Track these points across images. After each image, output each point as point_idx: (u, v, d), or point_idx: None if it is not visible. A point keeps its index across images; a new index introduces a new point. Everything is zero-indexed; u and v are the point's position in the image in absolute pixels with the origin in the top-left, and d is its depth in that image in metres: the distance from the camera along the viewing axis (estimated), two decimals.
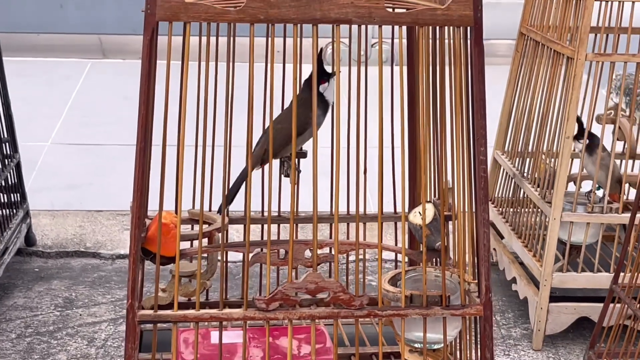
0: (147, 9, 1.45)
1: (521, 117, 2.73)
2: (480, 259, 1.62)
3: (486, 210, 1.59)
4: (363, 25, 1.68)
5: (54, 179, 3.65)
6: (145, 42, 1.47)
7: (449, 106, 1.67)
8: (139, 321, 1.56)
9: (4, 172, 2.80)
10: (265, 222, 2.15)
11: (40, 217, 3.24)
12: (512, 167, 2.74)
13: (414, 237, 1.99)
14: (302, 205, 2.15)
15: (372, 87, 1.86)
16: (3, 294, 2.71)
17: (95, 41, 6.22)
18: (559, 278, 2.43)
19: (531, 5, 2.76)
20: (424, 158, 1.68)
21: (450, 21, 1.52)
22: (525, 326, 2.61)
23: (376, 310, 1.60)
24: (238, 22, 1.49)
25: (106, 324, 2.56)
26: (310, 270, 1.61)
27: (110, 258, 3.00)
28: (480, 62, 1.54)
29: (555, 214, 2.40)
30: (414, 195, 2.03)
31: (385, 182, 1.61)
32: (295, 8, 1.48)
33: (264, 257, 1.76)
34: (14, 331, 2.49)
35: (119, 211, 3.33)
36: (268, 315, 1.58)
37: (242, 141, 2.02)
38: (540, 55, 2.63)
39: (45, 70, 5.33)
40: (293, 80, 1.57)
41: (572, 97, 2.36)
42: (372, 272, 2.90)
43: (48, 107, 4.57)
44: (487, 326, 1.61)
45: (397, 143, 1.98)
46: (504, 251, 2.77)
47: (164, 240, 1.65)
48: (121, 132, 4.23)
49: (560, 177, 2.39)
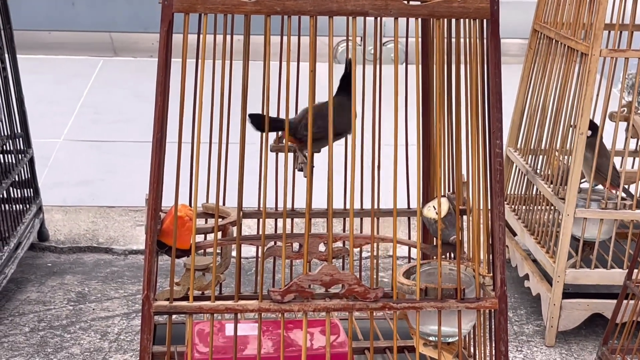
0: (165, 1, 1.45)
1: (534, 114, 2.72)
2: (496, 252, 1.61)
3: (502, 204, 1.59)
4: (378, 19, 1.68)
5: (67, 175, 3.66)
6: (162, 34, 1.48)
7: (464, 100, 1.67)
8: (154, 312, 1.57)
9: (18, 167, 2.81)
10: (279, 216, 2.15)
11: (53, 212, 3.25)
12: (524, 164, 2.74)
13: (427, 231, 1.99)
14: (314, 201, 2.15)
15: (386, 84, 1.86)
16: (16, 288, 2.72)
17: (107, 39, 6.24)
18: (572, 274, 2.42)
19: (545, 2, 2.76)
20: (439, 152, 1.68)
21: (466, 13, 1.52)
22: (538, 322, 2.60)
23: (391, 302, 1.60)
24: (254, 14, 1.49)
25: (119, 318, 2.56)
26: (325, 264, 1.61)
27: (123, 253, 3.00)
28: (496, 55, 1.54)
29: (569, 210, 2.40)
30: (427, 190, 2.03)
31: (399, 178, 1.61)
32: (311, 0, 1.49)
33: (278, 250, 1.76)
34: (28, 325, 2.50)
35: (131, 207, 3.34)
36: (283, 307, 1.58)
37: (255, 138, 2.03)
38: (553, 52, 2.63)
39: (57, 68, 5.35)
40: (310, 74, 1.57)
41: (586, 93, 2.36)
42: (384, 268, 2.90)
43: (60, 104, 4.59)
44: (502, 319, 1.61)
45: (411, 140, 1.98)
46: (516, 248, 2.76)
47: (178, 233, 1.65)
48: (133, 129, 4.25)
49: (574, 173, 2.39)
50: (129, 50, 6.03)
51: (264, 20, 1.51)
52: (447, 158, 1.86)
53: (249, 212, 2.13)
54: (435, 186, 1.91)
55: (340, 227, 2.26)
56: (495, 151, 1.58)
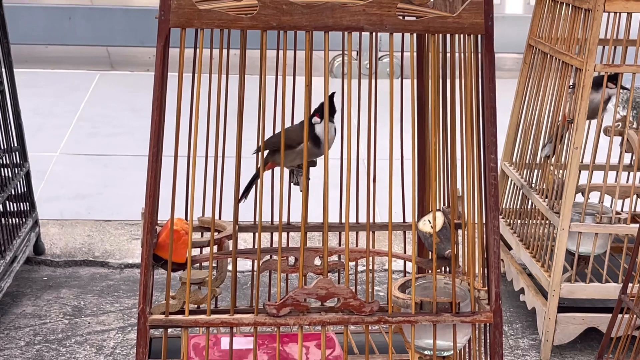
0: (161, 15, 1.46)
1: (529, 128, 2.74)
2: (490, 266, 1.62)
3: (496, 218, 1.60)
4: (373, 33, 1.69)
5: (63, 189, 3.66)
6: (158, 49, 1.49)
7: (459, 114, 1.68)
8: (150, 326, 1.57)
9: (14, 180, 2.81)
10: (275, 229, 2.16)
11: (49, 226, 3.25)
12: (520, 178, 2.75)
13: (423, 245, 1.99)
14: (310, 215, 2.16)
15: (381, 98, 1.88)
16: (12, 302, 2.72)
17: (104, 53, 6.26)
18: (567, 288, 2.43)
19: (539, 17, 2.78)
20: (434, 166, 1.69)
21: (461, 29, 1.53)
22: (534, 337, 2.61)
23: (386, 316, 1.61)
24: (251, 29, 1.50)
25: (115, 332, 2.56)
26: (321, 277, 1.61)
27: (119, 267, 3.01)
28: (491, 70, 1.55)
29: (564, 224, 2.40)
30: (423, 204, 2.04)
31: (394, 192, 1.62)
32: (307, 15, 1.49)
33: (274, 264, 1.77)
34: (23, 339, 2.50)
35: (127, 221, 3.35)
36: (279, 320, 1.58)
37: (251, 152, 2.04)
38: (548, 67, 2.64)
39: (54, 82, 5.36)
40: (306, 89, 1.58)
41: (581, 107, 2.37)
42: (379, 282, 2.90)
43: (57, 118, 4.60)
44: (497, 333, 1.62)
45: (406, 154, 1.99)
46: (512, 262, 2.77)
47: (174, 247, 1.65)
48: (129, 143, 4.25)
49: (569, 187, 2.40)
50: (126, 64, 6.04)
51: (260, 35, 1.52)
52: (442, 172, 1.87)
53: (244, 225, 2.14)
54: (430, 200, 1.92)
55: (336, 241, 2.26)
56: (490, 165, 1.59)
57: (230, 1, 1.69)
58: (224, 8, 1.52)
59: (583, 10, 2.43)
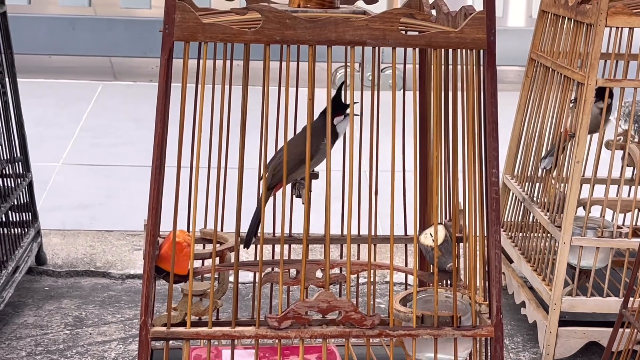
0: (165, 29, 1.47)
1: (531, 142, 2.74)
2: (492, 280, 1.62)
3: (498, 232, 1.60)
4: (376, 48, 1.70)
5: (65, 199, 3.67)
6: (162, 62, 1.50)
7: (460, 128, 1.68)
8: (151, 338, 1.57)
9: (17, 191, 2.82)
10: (276, 242, 2.16)
11: (51, 236, 3.25)
12: (521, 191, 2.76)
13: (424, 258, 2.00)
14: (312, 227, 2.17)
15: (383, 111, 1.88)
16: (14, 312, 2.72)
17: (107, 63, 6.28)
18: (568, 302, 2.43)
19: (541, 32, 2.79)
20: (436, 179, 1.69)
21: (463, 44, 1.54)
22: (534, 350, 2.61)
23: (387, 330, 1.61)
24: (254, 42, 1.51)
25: (116, 343, 2.56)
26: (322, 290, 1.62)
27: (120, 278, 3.01)
28: (493, 85, 1.56)
29: (565, 238, 2.41)
30: (424, 217, 2.05)
31: (395, 205, 1.63)
32: (310, 29, 1.50)
33: (275, 276, 1.77)
34: (24, 349, 2.50)
35: (129, 231, 3.35)
36: (280, 333, 1.59)
37: (254, 164, 2.05)
38: (550, 81, 2.65)
39: (57, 92, 5.38)
40: (308, 102, 1.59)
41: (583, 121, 2.37)
42: (381, 294, 2.91)
43: (59, 128, 4.61)
44: (498, 347, 1.62)
45: (408, 166, 2.00)
46: (513, 275, 2.77)
47: (176, 259, 1.66)
48: (132, 154, 4.26)
49: (570, 201, 2.40)
50: (129, 74, 6.06)
51: (264, 49, 1.53)
52: (444, 185, 1.87)
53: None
54: (432, 213, 1.92)
55: (338, 254, 2.27)
56: (492, 179, 1.59)
57: (233, 15, 1.70)
58: (227, 22, 1.53)
59: (585, 24, 2.44)
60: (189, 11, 1.48)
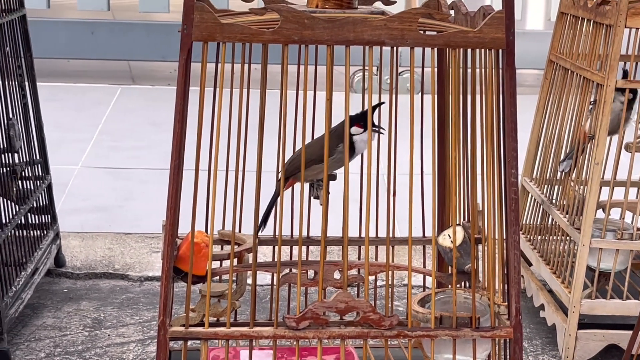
0: (184, 29, 1.48)
1: (550, 144, 2.73)
2: (511, 282, 1.62)
3: (517, 232, 1.59)
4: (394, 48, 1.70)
5: (84, 202, 3.68)
6: (181, 62, 1.50)
7: (479, 129, 1.68)
8: (170, 338, 1.58)
9: (36, 193, 2.83)
10: (294, 243, 2.16)
11: (69, 238, 3.27)
12: (540, 194, 2.74)
13: (442, 259, 1.99)
14: (329, 229, 2.16)
15: (401, 113, 1.88)
16: (33, 314, 2.73)
17: (125, 67, 6.30)
18: (587, 305, 2.41)
19: (560, 33, 2.78)
20: (454, 180, 1.69)
21: (482, 43, 1.54)
22: (554, 353, 2.59)
23: (406, 330, 1.60)
24: (272, 42, 1.51)
25: (134, 344, 2.57)
26: (340, 291, 1.62)
27: (139, 280, 3.02)
28: (512, 85, 1.56)
29: (585, 240, 2.39)
30: (442, 218, 2.04)
31: (414, 207, 1.62)
32: (329, 29, 1.50)
33: (293, 277, 1.77)
34: (43, 350, 2.51)
35: (148, 234, 3.36)
36: (298, 334, 1.59)
37: (271, 166, 2.05)
38: (569, 83, 2.64)
39: (76, 95, 5.40)
40: (326, 102, 1.58)
41: (602, 123, 2.36)
42: (398, 297, 2.90)
43: (78, 132, 4.63)
44: (517, 349, 1.61)
45: (426, 169, 2.00)
46: (532, 278, 2.76)
47: (194, 260, 1.66)
48: (150, 157, 4.28)
49: (590, 203, 2.39)
50: (147, 78, 6.08)
51: (282, 49, 1.53)
52: (462, 187, 1.87)
53: (264, 239, 2.14)
54: (451, 215, 1.92)
55: (356, 255, 2.26)
56: (511, 180, 1.59)
57: (252, 15, 1.70)
58: (245, 22, 1.54)
59: (604, 26, 2.43)
60: (207, 11, 1.48)
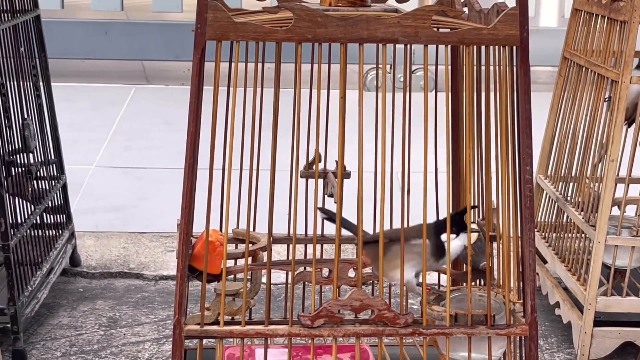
0: (198, 28, 1.48)
1: (564, 141, 2.72)
2: (526, 279, 1.61)
3: (532, 230, 1.59)
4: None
5: (99, 201, 3.69)
6: (195, 61, 1.50)
7: (493, 126, 1.67)
8: (185, 336, 1.58)
9: (51, 193, 2.84)
10: (309, 242, 2.16)
11: (84, 238, 3.28)
12: (555, 191, 2.73)
13: (457, 257, 1.98)
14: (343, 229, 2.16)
15: (415, 111, 1.87)
16: (48, 313, 2.75)
17: (139, 67, 6.32)
18: (603, 302, 2.41)
19: (574, 30, 2.76)
20: (469, 178, 1.68)
21: (496, 40, 1.53)
22: (569, 351, 2.58)
23: (421, 328, 1.60)
24: (286, 41, 1.51)
25: (149, 343, 2.58)
26: (355, 289, 1.62)
27: (153, 279, 3.02)
28: (526, 81, 1.55)
29: (600, 237, 2.38)
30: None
31: (428, 204, 1.62)
32: (342, 27, 1.50)
33: (308, 275, 1.77)
34: (59, 350, 2.52)
35: (162, 233, 3.37)
36: (313, 332, 1.59)
37: (285, 165, 2.05)
38: (583, 79, 2.63)
39: (90, 95, 5.42)
40: (340, 100, 1.58)
41: (617, 120, 2.35)
42: (412, 296, 2.89)
43: (92, 131, 4.64)
44: (532, 346, 1.61)
45: (440, 167, 1.99)
46: (547, 275, 2.75)
47: (209, 258, 1.66)
48: (163, 156, 4.29)
49: (605, 200, 2.38)
50: (161, 78, 6.10)
51: (295, 47, 1.53)
52: (476, 184, 1.86)
53: (278, 237, 2.14)
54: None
55: None
56: (526, 177, 1.58)
57: (265, 14, 1.70)
58: (259, 21, 1.54)
59: (619, 22, 2.42)
60: (220, 10, 1.48)
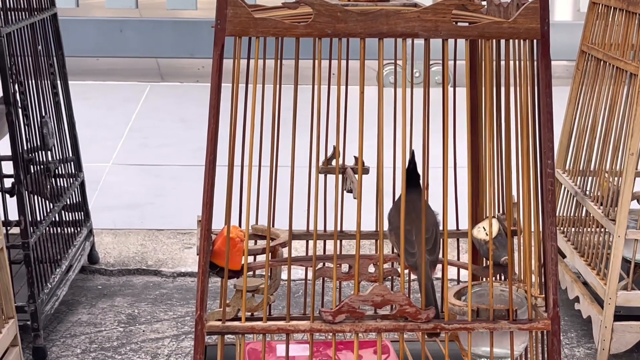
0: (217, 24, 1.48)
1: (582, 135, 2.71)
2: (548, 273, 1.60)
3: (554, 224, 1.58)
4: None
5: (116, 199, 3.70)
6: (215, 57, 1.50)
7: (514, 120, 1.67)
8: (207, 332, 1.58)
9: (69, 190, 2.85)
10: (328, 237, 2.16)
11: (102, 235, 3.29)
12: (573, 185, 2.72)
13: (477, 252, 1.98)
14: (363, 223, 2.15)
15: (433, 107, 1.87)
16: (68, 310, 2.76)
17: (154, 65, 6.33)
18: (623, 296, 2.39)
19: (592, 23, 2.75)
20: (489, 172, 1.68)
21: (516, 34, 1.53)
22: (589, 345, 2.57)
23: (442, 323, 1.60)
24: (305, 36, 1.51)
25: (169, 339, 2.58)
26: (376, 284, 1.61)
27: (172, 276, 3.03)
28: (547, 75, 1.54)
29: (620, 231, 2.37)
30: (477, 211, 2.03)
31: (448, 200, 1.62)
32: (362, 22, 1.50)
33: (328, 271, 1.77)
34: (79, 346, 2.53)
35: (180, 230, 3.37)
36: (334, 327, 1.58)
37: (304, 161, 2.04)
38: (602, 73, 2.61)
39: (105, 93, 5.44)
40: (360, 95, 1.58)
41: (636, 113, 2.34)
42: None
43: (109, 129, 4.66)
44: (555, 341, 1.60)
45: (459, 162, 1.98)
46: (566, 270, 2.74)
47: (229, 254, 1.66)
48: (179, 153, 4.29)
49: (625, 194, 2.37)
50: (176, 75, 6.11)
51: (313, 42, 1.52)
52: (497, 179, 1.86)
53: (298, 233, 2.14)
54: (485, 207, 1.91)
55: (388, 250, 2.26)
56: (547, 171, 1.57)
57: (284, 9, 1.70)
58: (278, 16, 1.54)
59: (637, 15, 2.40)
60: (240, 6, 1.48)
